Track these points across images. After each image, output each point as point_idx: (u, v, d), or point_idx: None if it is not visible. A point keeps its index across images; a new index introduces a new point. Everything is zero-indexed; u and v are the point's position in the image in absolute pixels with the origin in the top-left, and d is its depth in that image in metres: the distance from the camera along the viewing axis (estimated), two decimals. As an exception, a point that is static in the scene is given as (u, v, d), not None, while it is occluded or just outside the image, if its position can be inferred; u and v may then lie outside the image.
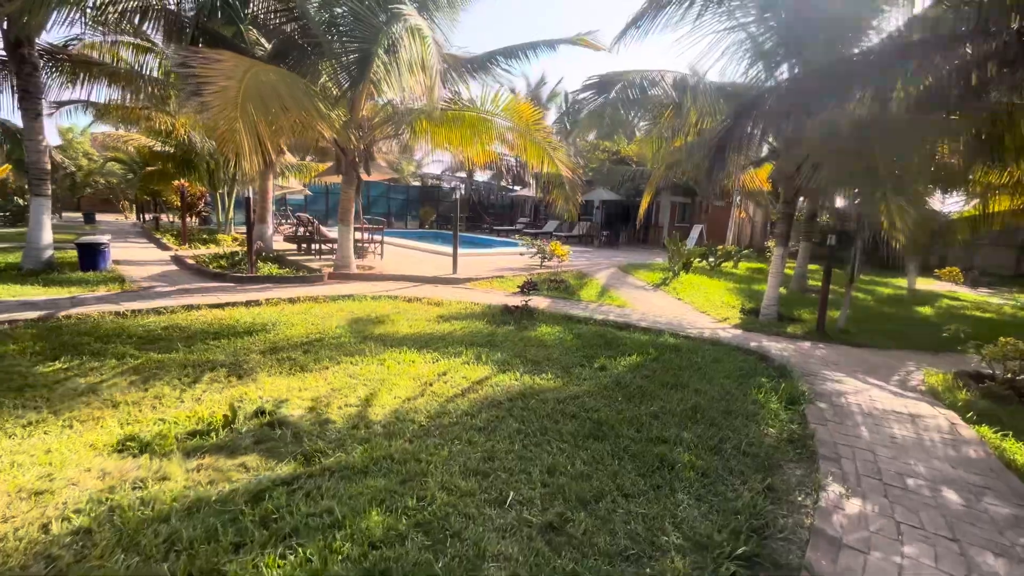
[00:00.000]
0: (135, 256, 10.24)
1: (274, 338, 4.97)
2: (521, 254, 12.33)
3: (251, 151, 5.34)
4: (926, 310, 10.08)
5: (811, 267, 11.77)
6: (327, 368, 4.16)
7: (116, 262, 8.96)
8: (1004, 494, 2.87)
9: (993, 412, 4.29)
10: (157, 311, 5.72)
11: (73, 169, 21.83)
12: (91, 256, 7.89)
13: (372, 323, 5.87)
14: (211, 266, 8.94)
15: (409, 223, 26.63)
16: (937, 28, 5.24)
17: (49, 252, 7.74)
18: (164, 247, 11.54)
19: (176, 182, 14.29)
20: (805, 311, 8.29)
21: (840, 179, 5.61)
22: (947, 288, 14.24)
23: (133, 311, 5.63)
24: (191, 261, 9.12)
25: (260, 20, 7.77)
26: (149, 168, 14.25)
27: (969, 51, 4.69)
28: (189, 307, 5.97)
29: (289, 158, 14.68)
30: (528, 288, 6.63)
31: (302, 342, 4.88)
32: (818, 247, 11.78)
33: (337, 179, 18.29)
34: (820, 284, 11.06)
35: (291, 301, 6.80)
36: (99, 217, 22.58)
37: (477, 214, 27.59)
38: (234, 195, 13.37)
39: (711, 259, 13.59)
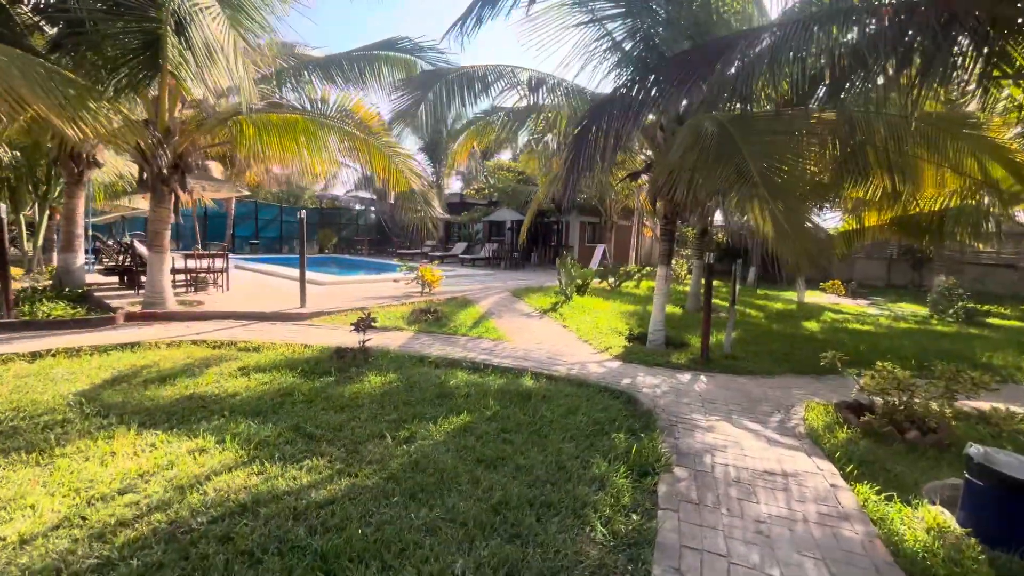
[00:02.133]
0: None
1: (-83, 425, 3.28)
2: (396, 280, 10.98)
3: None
4: (812, 325, 10.01)
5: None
6: (-67, 483, 2.60)
7: None
8: (894, 625, 1.99)
9: (875, 457, 3.62)
10: None
11: None
12: None
13: (132, 385, 4.29)
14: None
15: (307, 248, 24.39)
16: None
17: None
18: (-71, 285, 8.94)
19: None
20: (696, 334, 7.70)
21: (709, 183, 4.98)
22: (831, 301, 14.78)
23: None
24: (-65, 304, 6.88)
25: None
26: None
27: (822, 40, 4.20)
28: None
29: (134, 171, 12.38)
30: (362, 326, 5.35)
31: (-42, 430, 3.24)
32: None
33: (223, 195, 16.02)
34: (723, 304, 10.80)
35: (33, 356, 5.01)
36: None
37: (385, 237, 25.97)
38: (44, 218, 10.90)
39: (611, 279, 13.09)
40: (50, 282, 8.99)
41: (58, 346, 5.32)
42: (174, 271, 8.48)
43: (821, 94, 5.81)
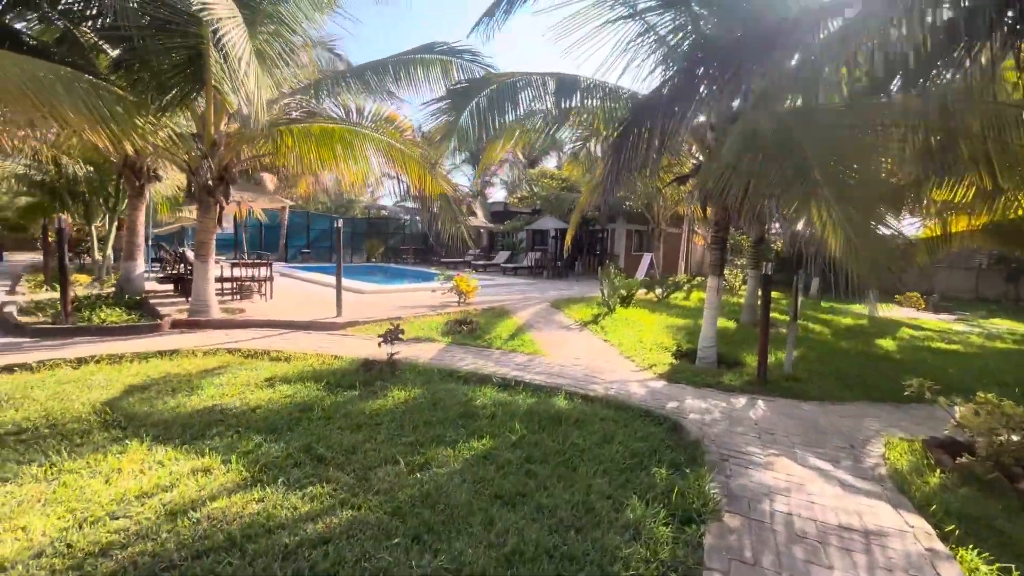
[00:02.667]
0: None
1: (-48, 431, 3.35)
2: (433, 290, 10.85)
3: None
4: (888, 343, 8.98)
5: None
6: (-59, 496, 2.57)
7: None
8: None
9: (981, 512, 2.97)
10: None
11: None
12: None
13: (160, 395, 4.29)
14: (32, 315, 7.25)
15: (355, 257, 25.05)
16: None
17: None
18: (12, 292, 9.73)
19: (62, 215, 12.60)
20: (751, 352, 7.02)
21: (765, 188, 4.42)
22: (908, 315, 13.35)
23: None
24: (8, 310, 7.38)
25: (74, 13, 6.37)
26: (24, 199, 12.52)
27: (906, 19, 3.60)
28: None
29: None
30: (390, 338, 5.16)
31: (-13, 437, 3.27)
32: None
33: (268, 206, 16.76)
34: (782, 318, 9.92)
35: (79, 362, 5.17)
36: (14, 256, 20.49)
37: (429, 246, 26.28)
38: (113, 229, 11.66)
39: (658, 290, 12.41)
40: (113, 289, 9.52)
41: (103, 352, 5.48)
42: (219, 279, 8.75)
43: (898, 83, 5.15)
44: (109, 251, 11.78)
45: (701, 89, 4.88)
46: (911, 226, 9.42)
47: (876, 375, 6.35)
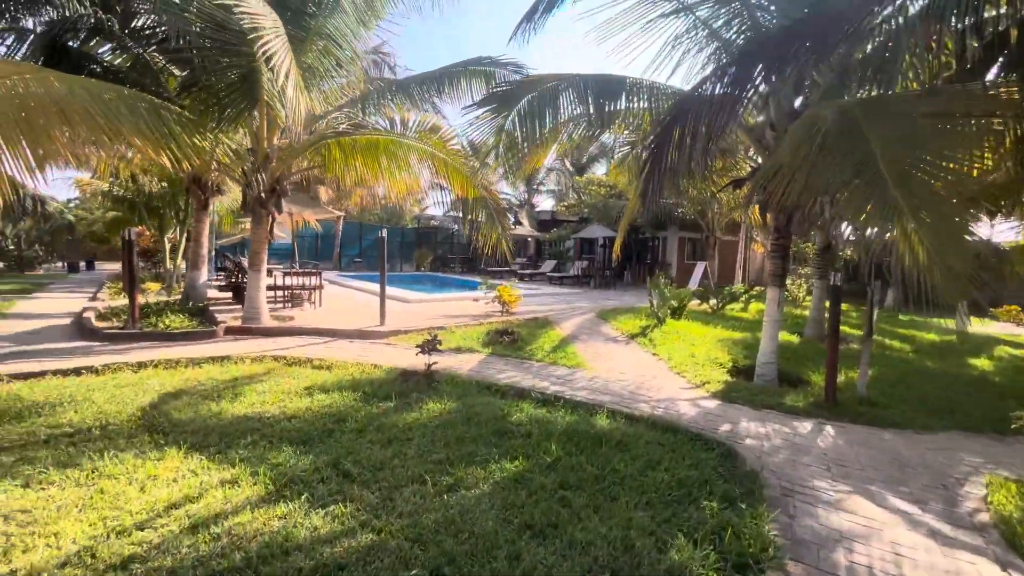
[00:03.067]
0: (33, 308, 9.28)
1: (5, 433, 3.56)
2: (476, 299, 10.77)
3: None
4: (982, 363, 7.95)
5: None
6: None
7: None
8: None
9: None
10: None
11: (71, 219, 21.85)
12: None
13: (205, 401, 4.40)
14: (107, 320, 7.82)
15: (404, 266, 25.62)
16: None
17: None
18: (94, 298, 10.60)
19: (139, 228, 13.70)
20: (817, 370, 6.40)
21: (821, 186, 3.94)
22: (1007, 331, 11.86)
23: None
24: (87, 315, 8.00)
25: (143, 37, 6.86)
26: (110, 214, 13.69)
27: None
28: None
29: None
30: (427, 348, 5.08)
31: (29, 440, 3.44)
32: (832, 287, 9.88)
33: (321, 216, 17.48)
34: (853, 332, 9.06)
35: (139, 366, 5.45)
36: (104, 266, 22.73)
37: (475, 255, 26.48)
38: (183, 240, 12.51)
39: (713, 301, 11.73)
40: (180, 297, 10.16)
41: (161, 357, 5.75)
42: (272, 288, 9.09)
43: (996, 68, 4.51)
44: (180, 260, 12.62)
45: (757, 81, 4.48)
46: (1010, 230, 8.34)
47: (970, 400, 5.58)
